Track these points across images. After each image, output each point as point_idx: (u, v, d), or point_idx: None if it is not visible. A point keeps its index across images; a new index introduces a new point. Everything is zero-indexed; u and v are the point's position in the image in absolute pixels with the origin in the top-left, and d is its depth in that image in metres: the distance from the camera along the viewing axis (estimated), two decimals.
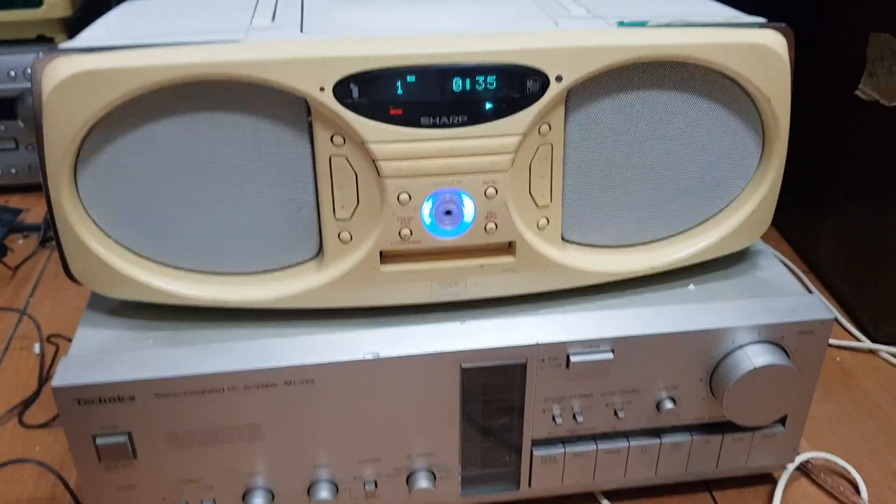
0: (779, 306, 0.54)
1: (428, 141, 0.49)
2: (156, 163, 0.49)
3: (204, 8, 0.58)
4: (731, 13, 0.56)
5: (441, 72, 0.48)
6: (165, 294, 0.52)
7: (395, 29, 0.51)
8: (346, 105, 0.47)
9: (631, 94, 0.51)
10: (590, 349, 0.52)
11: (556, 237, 0.54)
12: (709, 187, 0.55)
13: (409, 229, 0.51)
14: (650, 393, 0.54)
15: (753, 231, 0.57)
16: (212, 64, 0.46)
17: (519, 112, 0.49)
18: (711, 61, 0.51)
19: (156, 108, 0.47)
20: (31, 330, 0.76)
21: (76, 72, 0.45)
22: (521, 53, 0.48)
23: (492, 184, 0.50)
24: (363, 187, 0.50)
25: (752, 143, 0.55)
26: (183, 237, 0.51)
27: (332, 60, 0.47)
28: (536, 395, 0.53)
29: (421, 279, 0.53)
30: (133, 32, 0.51)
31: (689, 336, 0.53)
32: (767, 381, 0.53)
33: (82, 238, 0.50)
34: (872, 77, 0.72)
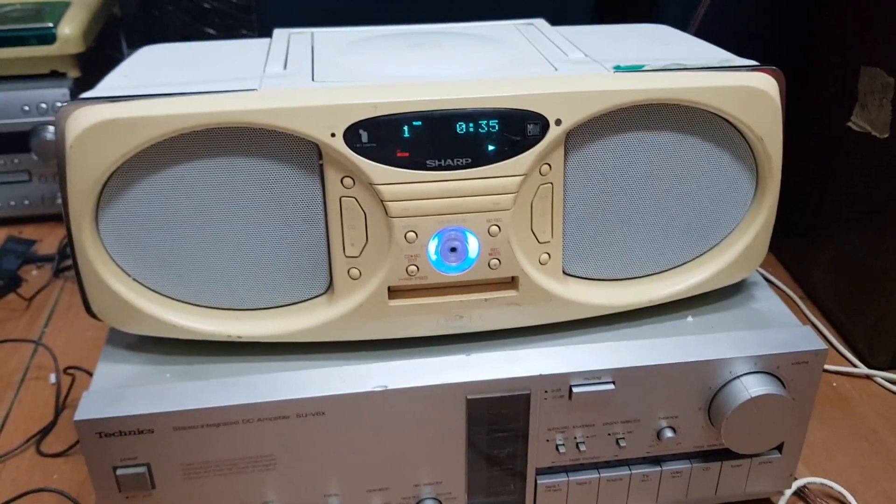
0: (774, 338, 0.56)
1: (433, 182, 0.51)
2: (174, 205, 0.51)
3: (218, 54, 0.61)
4: (724, 56, 0.59)
5: (445, 117, 0.50)
6: (182, 329, 0.54)
7: (401, 76, 0.54)
8: (356, 149, 0.49)
9: (628, 134, 0.54)
10: (591, 380, 0.54)
11: (557, 271, 0.56)
12: (704, 223, 0.57)
13: (416, 266, 0.53)
14: (651, 422, 0.56)
15: (749, 264, 0.59)
16: (229, 112, 0.48)
17: (520, 154, 0.51)
18: (706, 104, 0.53)
19: (174, 154, 0.50)
20: (46, 360, 0.78)
21: (99, 121, 0.48)
22: (522, 98, 0.51)
23: (495, 222, 0.52)
24: (372, 226, 0.52)
25: (746, 181, 0.57)
26: (199, 275, 0.53)
27: (342, 108, 0.49)
28: (540, 425, 0.55)
29: (427, 313, 0.55)
30: (152, 80, 0.54)
31: (688, 367, 0.54)
32: (764, 410, 0.55)
33: (103, 277, 0.52)
34: (864, 109, 0.75)
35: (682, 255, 0.58)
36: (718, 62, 0.56)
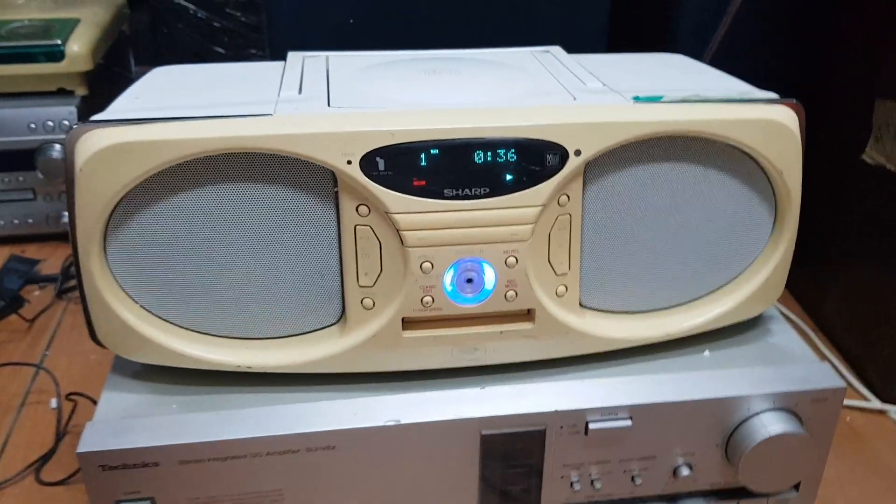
0: (792, 374, 0.55)
1: (450, 212, 0.50)
2: (184, 231, 0.50)
3: (231, 77, 0.60)
4: (743, 88, 0.58)
5: (464, 146, 0.49)
6: (189, 359, 0.53)
7: (418, 102, 0.53)
8: (372, 177, 0.49)
9: (646, 165, 0.53)
10: (608, 416, 0.53)
11: (574, 304, 0.55)
12: (723, 256, 0.57)
13: (431, 297, 0.52)
14: (667, 459, 0.55)
15: (767, 298, 0.58)
16: (243, 137, 0.47)
17: (539, 184, 0.50)
18: (725, 136, 0.52)
19: (186, 179, 0.49)
20: (47, 382, 0.77)
21: (110, 144, 0.47)
22: (542, 129, 0.50)
23: (512, 253, 0.51)
24: (387, 256, 0.51)
25: (764, 214, 0.56)
26: (208, 303, 0.52)
27: (359, 135, 0.48)
28: (555, 461, 0.54)
29: (442, 345, 0.54)
30: (164, 103, 0.53)
31: (706, 404, 0.53)
32: (782, 449, 0.54)
33: (110, 304, 0.51)
34: (879, 143, 0.74)
35: (699, 289, 0.57)
36: (738, 94, 0.55)
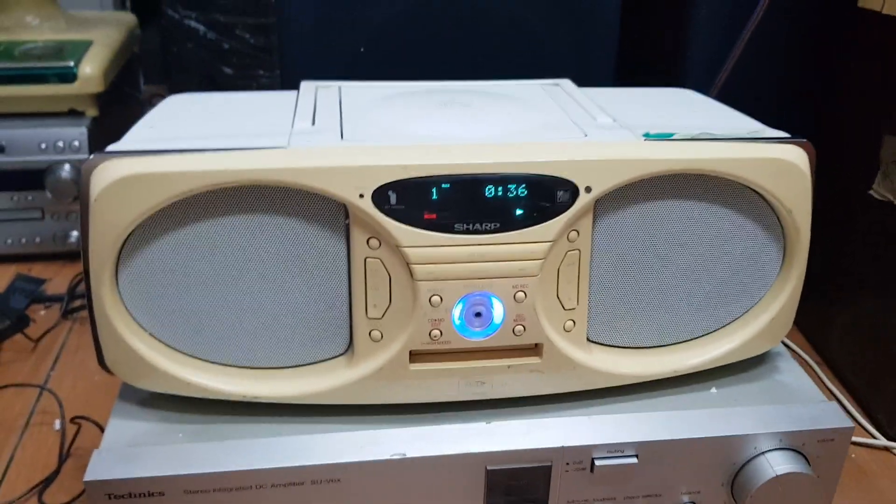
0: (800, 413, 0.55)
1: (460, 246, 0.50)
2: (195, 262, 0.50)
3: (244, 107, 0.61)
4: (753, 126, 0.58)
5: (475, 181, 0.50)
6: (197, 388, 0.53)
7: (430, 136, 0.53)
8: (384, 210, 0.49)
9: (656, 202, 0.53)
10: (615, 453, 0.52)
11: (581, 339, 0.55)
12: (731, 293, 0.57)
13: (440, 330, 0.52)
14: (672, 497, 0.55)
15: (774, 336, 0.59)
16: (259, 170, 0.48)
17: (549, 220, 0.50)
18: (735, 175, 0.52)
19: (198, 210, 0.49)
20: (51, 403, 0.77)
21: (125, 175, 0.47)
22: (553, 165, 0.50)
23: (521, 288, 0.52)
24: (396, 289, 0.51)
25: (773, 251, 0.56)
26: (217, 333, 0.52)
27: (372, 169, 0.48)
28: (560, 497, 0.54)
29: (449, 378, 0.54)
30: (178, 133, 0.53)
31: (713, 442, 0.53)
32: (788, 488, 0.53)
33: (119, 332, 0.51)
34: (886, 178, 0.74)
35: (707, 325, 0.58)
36: (748, 133, 0.56)
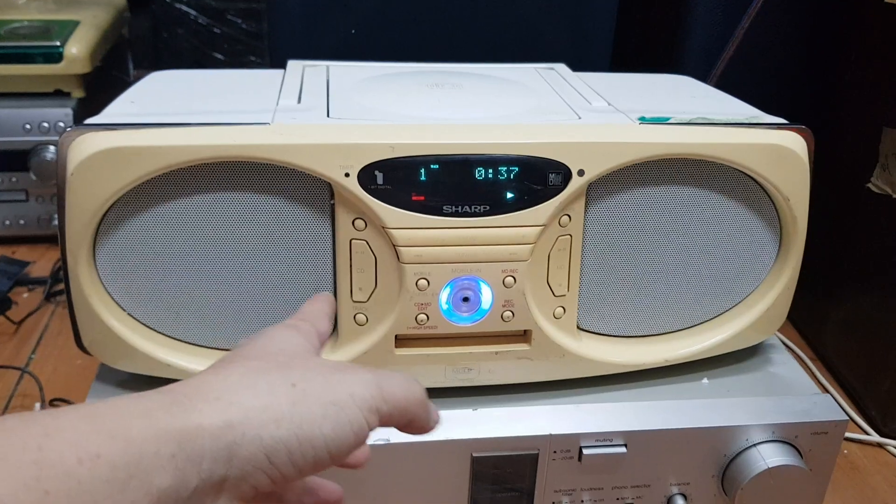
0: (793, 406, 0.54)
1: (449, 229, 0.49)
2: (175, 239, 0.49)
3: (229, 84, 0.59)
4: (750, 111, 0.57)
5: (465, 161, 0.48)
6: (176, 369, 0.51)
7: (419, 116, 0.52)
8: (370, 191, 0.48)
9: (650, 188, 0.52)
10: (603, 442, 0.51)
11: (571, 326, 0.54)
12: (725, 282, 0.55)
13: (426, 314, 0.51)
14: (661, 488, 0.54)
15: (768, 327, 0.57)
16: (240, 146, 0.46)
17: (540, 204, 0.49)
18: (732, 160, 0.51)
19: (179, 186, 0.48)
20: (32, 386, 0.75)
21: (103, 148, 0.46)
22: (545, 146, 0.49)
23: (510, 273, 0.50)
24: (382, 271, 0.50)
25: (769, 240, 0.55)
26: (198, 313, 0.51)
27: (358, 147, 0.47)
28: (547, 486, 0.52)
29: (435, 364, 0.53)
30: (160, 109, 0.52)
31: (704, 433, 0.52)
32: (780, 481, 0.52)
33: (97, 310, 0.49)
34: (885, 171, 0.73)
35: (700, 315, 0.56)
36: (746, 118, 0.54)
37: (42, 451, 0.28)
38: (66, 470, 0.28)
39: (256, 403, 0.33)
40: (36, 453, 0.28)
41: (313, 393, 0.34)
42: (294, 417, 0.33)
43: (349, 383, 0.35)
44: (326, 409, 0.34)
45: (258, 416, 0.32)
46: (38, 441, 0.28)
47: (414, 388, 0.37)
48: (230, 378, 0.34)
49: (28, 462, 0.27)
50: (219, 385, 0.33)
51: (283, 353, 0.37)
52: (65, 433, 0.29)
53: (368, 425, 0.35)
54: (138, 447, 0.29)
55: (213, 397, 0.32)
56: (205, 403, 0.32)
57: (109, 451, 0.29)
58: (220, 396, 0.32)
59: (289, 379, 0.34)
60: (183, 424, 0.31)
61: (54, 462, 0.28)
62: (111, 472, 0.28)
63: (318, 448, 0.33)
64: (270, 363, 0.35)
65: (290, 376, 0.35)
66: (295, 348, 0.38)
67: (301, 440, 0.33)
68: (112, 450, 0.29)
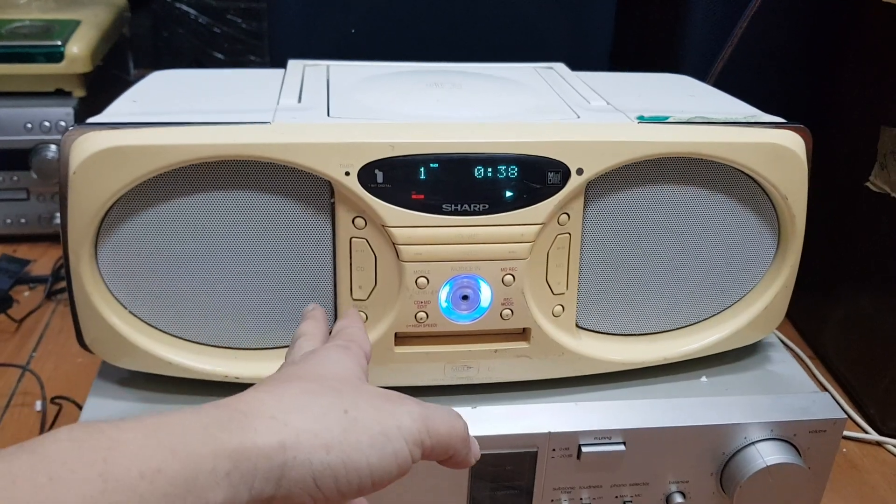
0: (791, 404, 0.54)
1: (448, 227, 0.49)
2: (176, 238, 0.49)
3: (230, 84, 0.59)
4: (749, 111, 0.57)
5: (464, 160, 0.49)
6: (177, 367, 0.52)
7: (419, 115, 0.52)
8: (370, 189, 0.48)
9: (649, 186, 0.52)
10: (602, 440, 0.52)
11: (570, 324, 0.54)
12: (723, 281, 0.56)
13: (426, 312, 0.51)
14: (660, 486, 0.54)
15: (767, 325, 0.58)
16: (241, 145, 0.47)
17: (539, 202, 0.49)
18: (730, 159, 0.51)
19: (180, 185, 0.48)
20: (33, 384, 0.75)
21: (105, 147, 0.46)
22: (544, 145, 0.49)
23: (509, 271, 0.51)
24: (382, 269, 0.50)
25: (767, 239, 0.55)
26: (198, 311, 0.51)
27: (358, 146, 0.47)
28: (545, 484, 0.53)
29: (434, 361, 0.53)
30: (161, 108, 0.52)
31: (702, 430, 0.52)
32: (779, 480, 0.53)
33: (98, 309, 0.50)
34: (883, 170, 0.73)
35: (698, 313, 0.57)
36: (744, 117, 0.55)
37: (107, 463, 0.29)
38: (129, 484, 0.29)
39: (309, 427, 0.34)
40: (101, 466, 0.29)
41: (363, 422, 0.35)
42: (343, 445, 0.34)
43: (398, 415, 0.36)
44: (374, 439, 0.35)
45: (310, 441, 0.33)
46: (103, 454, 0.29)
47: (458, 423, 0.39)
48: (285, 398, 0.35)
49: (94, 476, 0.28)
50: (274, 404, 0.34)
51: (336, 377, 0.38)
52: (129, 446, 0.30)
53: (412, 458, 0.36)
54: (196, 463, 0.30)
55: (269, 416, 0.33)
56: (260, 422, 0.33)
57: (170, 467, 0.30)
58: (275, 416, 0.34)
59: (341, 405, 0.36)
60: (239, 443, 0.32)
61: (119, 476, 0.29)
62: (170, 488, 0.29)
63: (362, 476, 0.34)
64: (324, 387, 0.37)
65: (342, 402, 0.36)
66: (346, 372, 0.39)
67: (348, 467, 0.34)
68: (172, 465, 0.30)
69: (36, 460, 0.28)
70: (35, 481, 0.27)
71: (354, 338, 0.43)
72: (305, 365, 0.39)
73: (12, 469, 0.27)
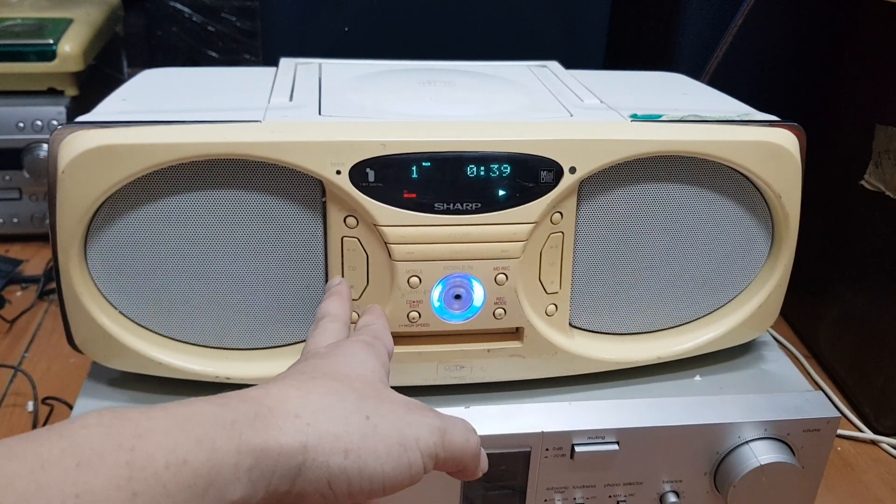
0: (785, 403, 0.54)
1: (440, 226, 0.49)
2: (167, 237, 0.49)
3: (221, 82, 0.59)
4: (743, 109, 0.57)
5: (456, 159, 0.48)
6: (168, 368, 0.51)
7: (411, 114, 0.52)
8: (361, 188, 0.47)
9: (642, 185, 0.52)
10: (595, 440, 0.51)
11: (563, 324, 0.54)
12: (717, 279, 0.56)
13: (418, 312, 0.51)
14: (654, 486, 0.54)
15: (761, 324, 0.57)
16: (230, 143, 0.46)
17: (532, 201, 0.49)
18: (724, 158, 0.51)
19: (170, 184, 0.47)
20: (25, 385, 0.75)
21: (94, 146, 0.46)
22: (537, 144, 0.49)
23: (502, 270, 0.50)
24: (374, 269, 0.50)
25: (761, 238, 0.55)
26: (189, 311, 0.51)
27: (349, 144, 0.47)
28: (539, 484, 0.52)
29: (427, 361, 0.53)
30: (151, 106, 0.52)
31: (696, 430, 0.52)
32: (772, 479, 0.52)
33: (88, 309, 0.49)
34: (878, 168, 0.73)
35: (692, 312, 0.56)
36: (738, 116, 0.54)
37: (134, 451, 0.29)
38: (154, 473, 0.29)
39: (331, 430, 0.34)
40: (129, 454, 0.29)
41: (383, 429, 0.36)
42: (361, 451, 0.35)
43: (417, 426, 0.37)
44: (392, 448, 0.36)
45: (330, 444, 0.34)
46: (131, 441, 0.29)
47: (473, 438, 0.40)
48: (310, 396, 0.36)
49: (122, 462, 0.29)
50: (299, 402, 0.35)
51: (361, 378, 0.39)
52: (156, 435, 0.30)
53: (425, 469, 0.37)
54: (221, 458, 0.31)
55: (293, 414, 0.34)
56: (284, 420, 0.34)
57: (195, 459, 0.30)
58: (300, 414, 0.34)
59: (363, 410, 0.36)
60: (263, 441, 0.32)
61: (145, 464, 0.29)
62: (193, 479, 0.30)
63: (375, 483, 0.35)
64: (348, 388, 0.37)
65: (365, 407, 0.36)
66: (371, 374, 0.40)
67: (363, 473, 0.35)
68: (197, 457, 0.30)
69: (65, 445, 0.28)
70: (63, 465, 0.28)
71: (379, 335, 0.44)
72: (331, 360, 0.40)
73: (41, 452, 0.28)
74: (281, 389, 0.35)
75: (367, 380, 0.39)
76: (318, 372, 0.38)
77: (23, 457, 0.27)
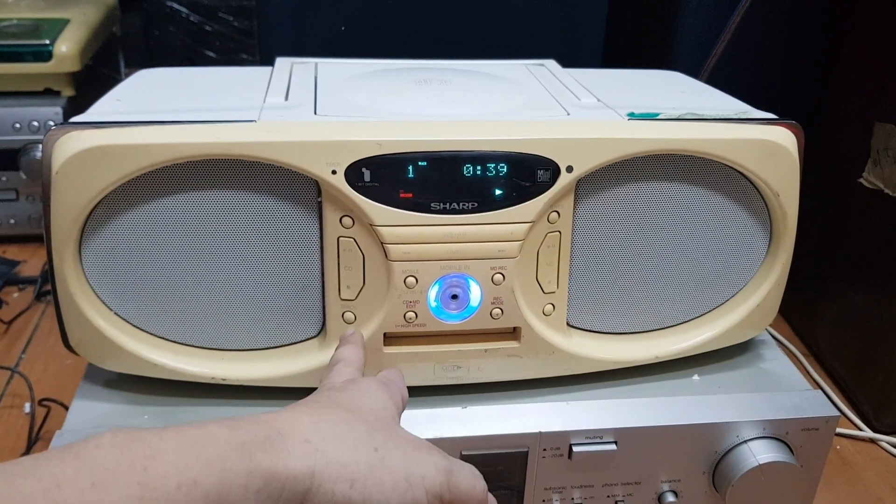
0: (784, 402, 0.54)
1: (437, 226, 0.49)
2: (162, 238, 0.48)
3: (216, 82, 0.59)
4: (741, 107, 0.57)
5: (453, 158, 0.48)
6: (163, 369, 0.51)
7: (407, 113, 0.52)
8: (357, 188, 0.47)
9: (640, 184, 0.52)
10: (593, 439, 0.51)
11: (561, 323, 0.54)
12: (715, 278, 0.55)
13: (415, 312, 0.50)
14: (652, 485, 0.53)
15: (759, 323, 0.57)
16: (225, 143, 0.46)
17: (529, 200, 0.49)
18: (721, 156, 0.51)
19: (165, 184, 0.47)
20: (21, 386, 0.75)
21: (88, 147, 0.45)
22: (534, 143, 0.49)
23: (499, 270, 0.50)
24: (370, 269, 0.50)
25: (759, 236, 0.55)
26: (185, 312, 0.50)
27: (344, 144, 0.47)
28: (537, 484, 0.52)
29: (424, 361, 0.53)
30: (146, 107, 0.52)
31: (694, 429, 0.52)
32: (771, 478, 0.52)
33: (83, 310, 0.49)
34: (877, 166, 0.73)
35: (690, 311, 0.56)
36: (735, 114, 0.54)
37: (147, 472, 0.30)
38: (166, 493, 0.30)
39: (339, 457, 0.35)
40: (141, 474, 0.30)
41: (390, 463, 0.37)
42: (367, 482, 0.35)
43: (424, 464, 0.37)
44: (398, 483, 0.36)
45: (337, 471, 0.35)
46: (143, 462, 0.30)
47: (479, 484, 0.40)
48: (321, 423, 0.36)
49: (134, 482, 0.29)
50: (310, 427, 0.36)
51: (373, 412, 0.40)
52: (168, 456, 0.31)
53: None
54: (230, 479, 0.31)
55: (303, 438, 0.35)
56: (294, 445, 0.34)
57: (206, 480, 0.31)
58: (310, 439, 0.35)
59: (372, 442, 0.37)
60: (272, 464, 0.33)
61: (157, 485, 0.30)
62: (203, 500, 0.31)
63: None
64: (360, 419, 0.38)
65: (374, 439, 0.37)
66: (383, 411, 0.40)
67: None
68: (208, 479, 0.31)
69: (80, 464, 0.29)
70: (78, 485, 0.28)
71: (395, 380, 0.45)
72: (346, 393, 0.41)
73: (56, 472, 0.29)
74: (293, 415, 0.36)
75: (378, 415, 0.39)
76: (331, 402, 0.39)
77: (38, 476, 0.28)
